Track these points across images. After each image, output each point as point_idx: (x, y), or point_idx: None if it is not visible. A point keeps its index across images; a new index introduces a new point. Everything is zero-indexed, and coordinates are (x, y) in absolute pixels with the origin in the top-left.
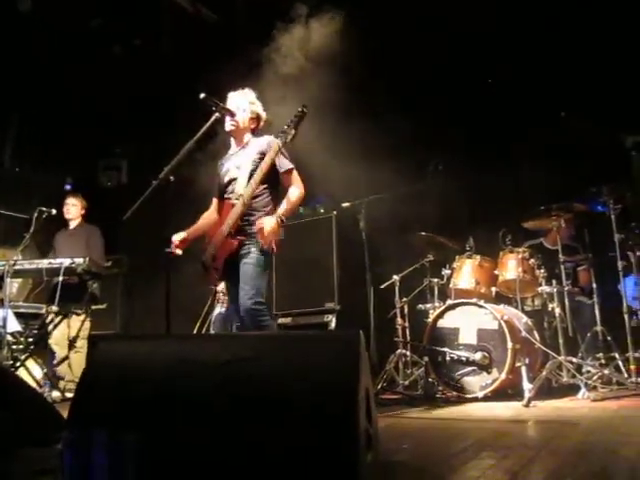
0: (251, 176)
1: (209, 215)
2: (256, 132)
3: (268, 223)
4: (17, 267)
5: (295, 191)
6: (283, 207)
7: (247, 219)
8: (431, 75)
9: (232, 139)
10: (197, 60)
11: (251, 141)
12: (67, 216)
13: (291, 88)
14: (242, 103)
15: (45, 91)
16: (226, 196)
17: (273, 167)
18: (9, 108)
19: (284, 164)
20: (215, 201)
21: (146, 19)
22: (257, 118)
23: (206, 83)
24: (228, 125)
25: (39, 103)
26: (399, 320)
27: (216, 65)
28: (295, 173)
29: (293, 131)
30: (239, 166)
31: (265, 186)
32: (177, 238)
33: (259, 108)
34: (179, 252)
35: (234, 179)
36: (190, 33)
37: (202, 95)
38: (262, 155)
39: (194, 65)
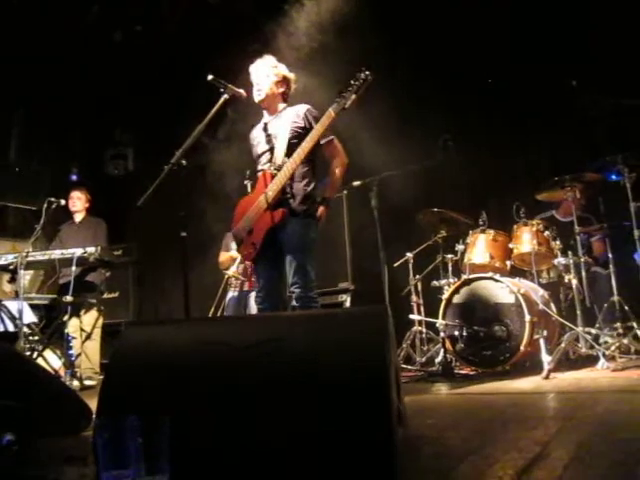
0: (289, 146)
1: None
2: (287, 97)
3: (321, 213)
4: (30, 259)
5: (338, 165)
6: (328, 186)
7: (287, 190)
8: (442, 50)
9: (264, 110)
10: (202, 43)
11: (286, 110)
12: (72, 209)
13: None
14: (264, 70)
15: (49, 81)
16: (260, 167)
17: (306, 135)
18: (14, 100)
19: (325, 134)
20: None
21: (146, 3)
22: (284, 81)
23: (212, 65)
24: (256, 95)
25: (44, 94)
26: (414, 297)
27: (222, 46)
28: (336, 142)
29: (353, 96)
30: (276, 135)
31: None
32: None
33: (284, 69)
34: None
35: (270, 149)
36: (193, 15)
37: (210, 77)
38: (297, 124)
39: (199, 48)
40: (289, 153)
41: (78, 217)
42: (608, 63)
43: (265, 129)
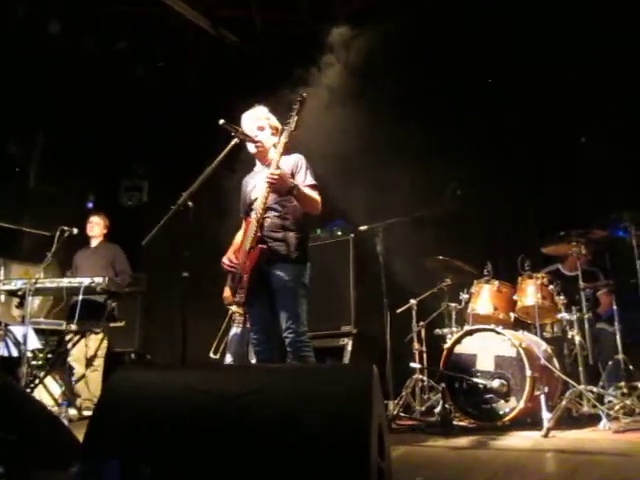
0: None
1: (241, 235)
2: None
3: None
4: (38, 285)
5: (315, 195)
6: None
7: (279, 237)
8: (448, 96)
9: (257, 159)
10: (220, 83)
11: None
12: (90, 233)
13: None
14: (259, 122)
15: (70, 111)
16: (251, 214)
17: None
18: (34, 127)
19: (307, 178)
20: (244, 221)
21: (170, 42)
22: (276, 131)
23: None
24: (252, 148)
25: (64, 123)
26: (416, 344)
27: (238, 88)
28: (316, 192)
29: (296, 117)
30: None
31: (286, 197)
32: (227, 262)
33: (275, 120)
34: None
35: (258, 197)
36: (213, 56)
37: (221, 121)
38: (292, 175)
39: (217, 88)
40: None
41: (94, 242)
42: (617, 119)
43: (259, 176)
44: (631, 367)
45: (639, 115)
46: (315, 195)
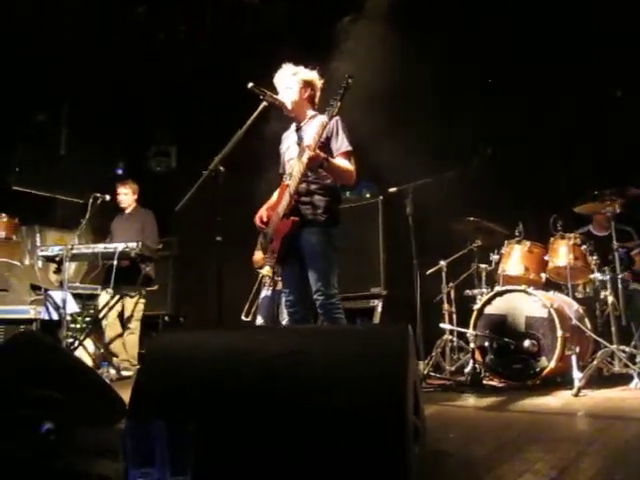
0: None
1: (278, 192)
2: (315, 99)
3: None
4: (74, 251)
5: (348, 165)
6: (333, 160)
7: (307, 200)
8: (480, 60)
9: (293, 119)
10: (242, 46)
11: (316, 117)
12: (121, 205)
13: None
14: (285, 81)
15: (97, 79)
16: (285, 175)
17: (328, 145)
18: (62, 96)
19: (342, 144)
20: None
21: (190, 5)
22: (308, 84)
23: (253, 69)
24: (285, 110)
25: (92, 91)
26: (446, 305)
27: (262, 50)
28: (352, 159)
29: (339, 103)
30: (299, 143)
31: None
32: (259, 220)
33: (304, 73)
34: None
35: (293, 158)
36: (233, 18)
37: (250, 85)
38: (327, 139)
39: (240, 50)
40: None
41: (128, 209)
42: None
43: (293, 135)
44: None
45: None
46: (347, 165)
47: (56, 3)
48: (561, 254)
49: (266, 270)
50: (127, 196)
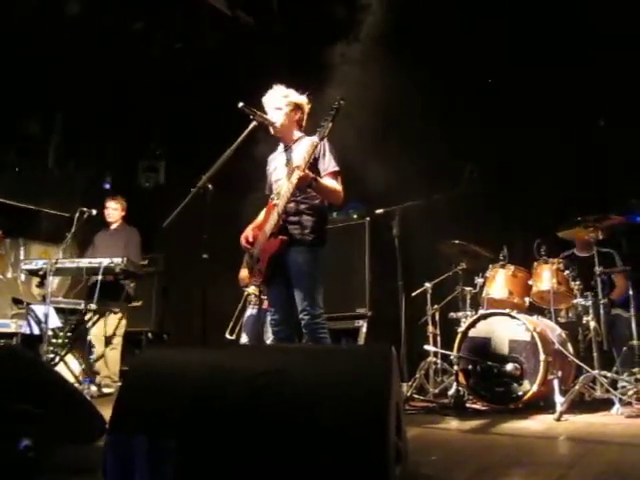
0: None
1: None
2: (302, 122)
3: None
4: (58, 265)
5: (336, 185)
6: (321, 180)
7: (295, 220)
8: (468, 81)
9: (280, 140)
10: (236, 64)
11: (303, 140)
12: (109, 219)
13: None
14: (275, 102)
15: (88, 92)
16: (272, 195)
17: (315, 166)
18: (53, 109)
19: (330, 164)
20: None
21: (186, 22)
22: (297, 108)
23: (244, 88)
24: (270, 128)
25: (82, 104)
26: (430, 327)
27: (255, 69)
28: (339, 179)
29: (330, 124)
30: (287, 164)
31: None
32: (244, 240)
33: (294, 96)
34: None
35: (280, 178)
36: (229, 37)
37: (240, 104)
38: (315, 160)
39: (233, 68)
40: None
41: (113, 225)
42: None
43: (281, 157)
44: None
45: None
46: (335, 185)
47: (51, 15)
48: (544, 278)
49: (252, 289)
50: (116, 211)
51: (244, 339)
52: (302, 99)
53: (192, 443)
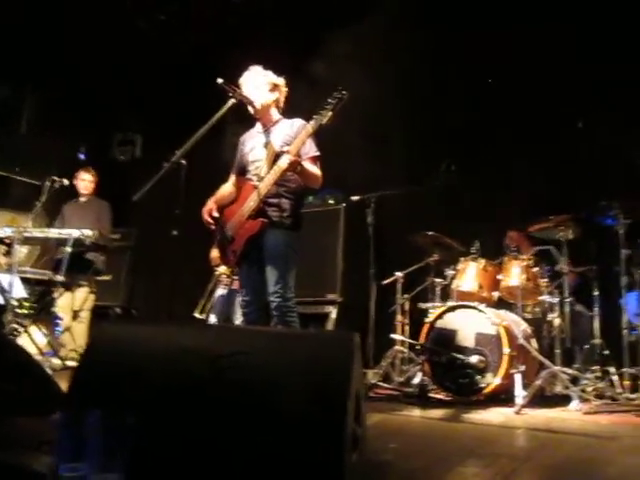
0: (277, 159)
1: (228, 190)
2: (280, 104)
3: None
4: (26, 234)
5: (316, 170)
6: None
7: (273, 202)
8: (447, 76)
9: (258, 121)
10: (219, 39)
11: (282, 122)
12: (81, 191)
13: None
14: (254, 81)
15: (65, 60)
16: (248, 176)
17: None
18: (27, 76)
19: (311, 149)
20: (233, 178)
21: None
22: (275, 88)
23: (227, 64)
24: (249, 107)
25: (58, 72)
26: (399, 317)
27: (239, 45)
28: (318, 164)
29: (330, 114)
30: (266, 146)
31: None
32: (207, 214)
33: (272, 77)
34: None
35: (259, 159)
36: (215, 12)
37: (219, 80)
38: (290, 138)
39: (216, 44)
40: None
41: (84, 197)
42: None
43: (259, 137)
44: (606, 352)
45: (635, 101)
46: (316, 170)
47: None
48: (514, 274)
49: (223, 269)
50: (91, 184)
51: (213, 319)
52: (280, 80)
53: (148, 422)
